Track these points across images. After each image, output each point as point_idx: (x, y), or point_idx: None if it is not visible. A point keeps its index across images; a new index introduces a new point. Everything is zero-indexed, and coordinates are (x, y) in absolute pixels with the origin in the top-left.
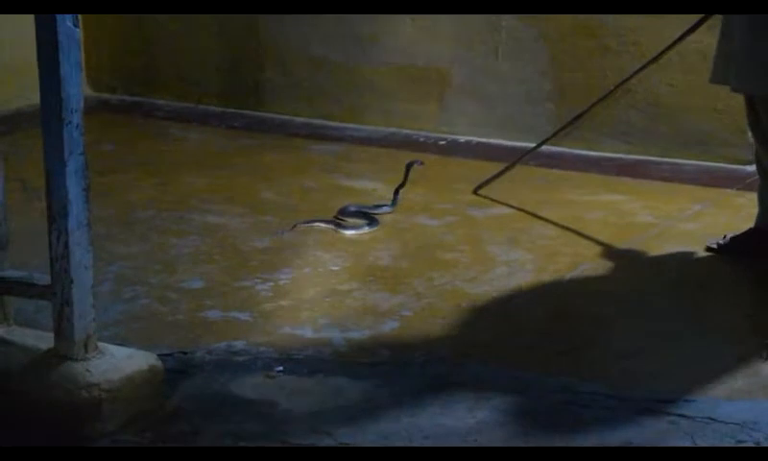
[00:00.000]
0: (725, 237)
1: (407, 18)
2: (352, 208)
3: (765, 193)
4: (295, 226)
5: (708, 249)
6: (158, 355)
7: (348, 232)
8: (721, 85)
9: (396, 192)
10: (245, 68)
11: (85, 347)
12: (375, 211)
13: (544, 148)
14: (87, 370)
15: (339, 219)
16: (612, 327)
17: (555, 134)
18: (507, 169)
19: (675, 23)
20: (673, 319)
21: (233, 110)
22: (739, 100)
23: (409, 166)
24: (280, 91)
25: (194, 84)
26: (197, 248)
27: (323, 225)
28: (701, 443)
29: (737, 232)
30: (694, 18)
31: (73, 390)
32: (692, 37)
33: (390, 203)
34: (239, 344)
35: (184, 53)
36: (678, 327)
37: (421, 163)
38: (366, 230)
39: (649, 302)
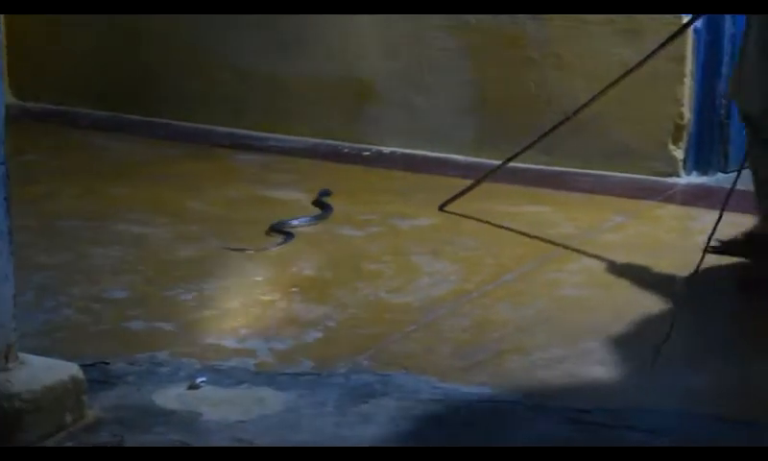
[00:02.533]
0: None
1: (333, 27)
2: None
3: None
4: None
5: (712, 249)
6: (80, 366)
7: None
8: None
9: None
10: (168, 78)
11: (6, 357)
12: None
13: (466, 160)
14: (8, 381)
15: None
16: (532, 336)
17: (524, 150)
18: (476, 184)
19: (596, 34)
20: (593, 328)
21: (158, 120)
22: (658, 113)
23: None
24: (204, 101)
25: (119, 92)
26: (120, 258)
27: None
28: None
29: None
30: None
31: None
32: (614, 50)
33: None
34: (162, 354)
35: (107, 62)
36: (598, 336)
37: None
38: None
39: (570, 311)
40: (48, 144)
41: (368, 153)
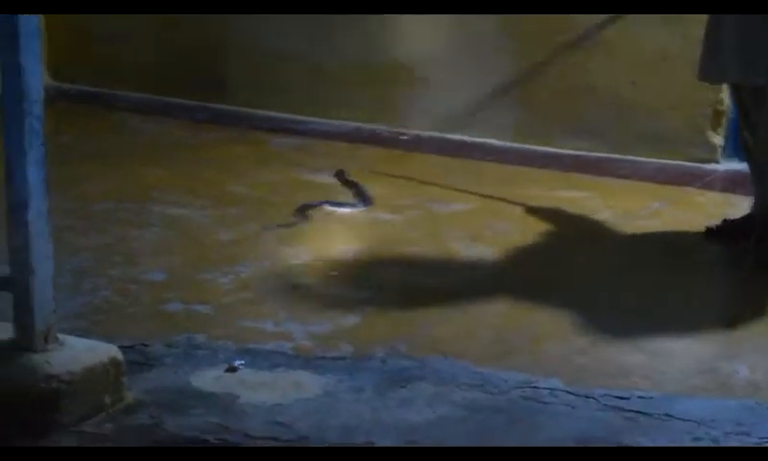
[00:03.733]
0: (724, 221)
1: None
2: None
3: (757, 183)
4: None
5: (708, 230)
6: (119, 347)
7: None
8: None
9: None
10: (207, 61)
11: (45, 338)
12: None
13: (502, 144)
14: (47, 361)
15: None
16: (571, 321)
17: None
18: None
19: (640, 21)
20: (633, 314)
21: (195, 103)
22: (697, 99)
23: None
24: (243, 84)
25: (156, 75)
26: (158, 240)
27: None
28: (658, 440)
29: (735, 217)
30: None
31: (32, 381)
32: (651, 37)
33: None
34: (200, 337)
35: (146, 44)
36: (637, 322)
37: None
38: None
39: (609, 297)
40: (84, 126)
41: (406, 137)
